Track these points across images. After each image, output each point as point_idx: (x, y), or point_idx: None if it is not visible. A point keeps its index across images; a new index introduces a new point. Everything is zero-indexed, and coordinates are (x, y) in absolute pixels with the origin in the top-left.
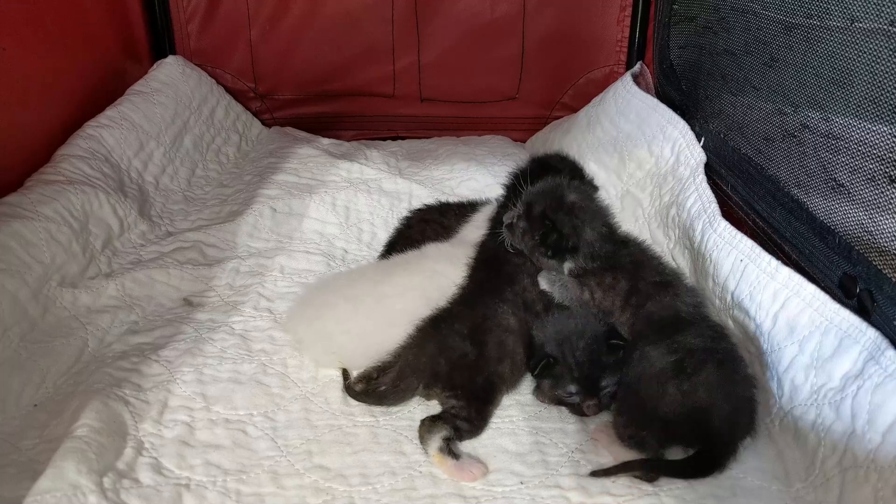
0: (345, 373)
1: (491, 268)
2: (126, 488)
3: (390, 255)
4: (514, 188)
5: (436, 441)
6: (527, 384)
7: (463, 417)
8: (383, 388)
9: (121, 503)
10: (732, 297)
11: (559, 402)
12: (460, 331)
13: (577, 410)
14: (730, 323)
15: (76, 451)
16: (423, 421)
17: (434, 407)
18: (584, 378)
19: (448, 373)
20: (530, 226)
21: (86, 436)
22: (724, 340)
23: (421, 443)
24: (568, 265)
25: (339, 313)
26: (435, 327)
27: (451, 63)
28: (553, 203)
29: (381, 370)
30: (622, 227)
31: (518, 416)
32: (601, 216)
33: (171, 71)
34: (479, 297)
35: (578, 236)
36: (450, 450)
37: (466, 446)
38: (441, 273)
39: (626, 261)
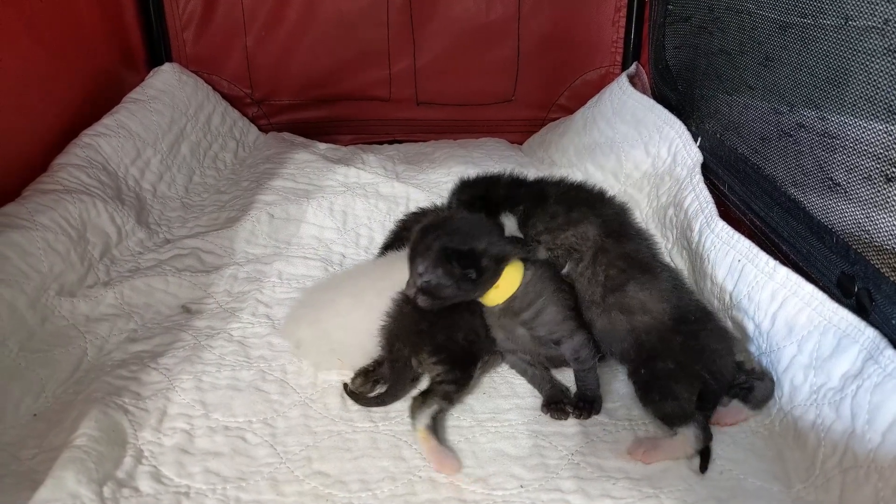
0: (345, 385)
1: None
2: (126, 497)
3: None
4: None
5: (425, 417)
6: (528, 391)
7: (450, 381)
8: (381, 380)
9: None
10: (731, 298)
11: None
12: None
13: None
14: (728, 323)
15: (76, 461)
16: (414, 397)
17: None
18: None
19: (430, 332)
20: (445, 270)
21: (85, 445)
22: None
23: (411, 419)
24: (538, 254)
25: (338, 308)
26: None
27: (446, 66)
28: (432, 240)
29: (377, 363)
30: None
31: (517, 419)
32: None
33: (167, 78)
34: None
35: (479, 238)
36: (436, 430)
37: (466, 447)
38: None
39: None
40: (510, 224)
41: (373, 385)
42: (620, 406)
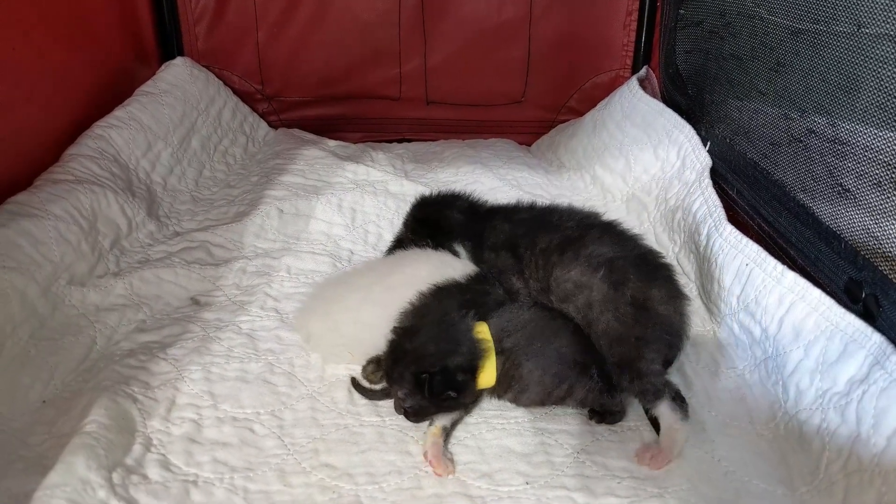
0: (353, 379)
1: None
2: (135, 484)
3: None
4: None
5: (446, 420)
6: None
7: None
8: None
9: (130, 498)
10: (738, 301)
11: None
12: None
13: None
14: (735, 327)
15: (86, 447)
16: None
17: None
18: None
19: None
20: (423, 396)
21: (95, 432)
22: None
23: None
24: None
25: (348, 303)
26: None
27: (457, 66)
28: (404, 368)
29: None
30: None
31: (524, 417)
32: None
33: (179, 72)
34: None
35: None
36: (447, 435)
37: (473, 443)
38: (448, 264)
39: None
40: (462, 254)
41: (383, 375)
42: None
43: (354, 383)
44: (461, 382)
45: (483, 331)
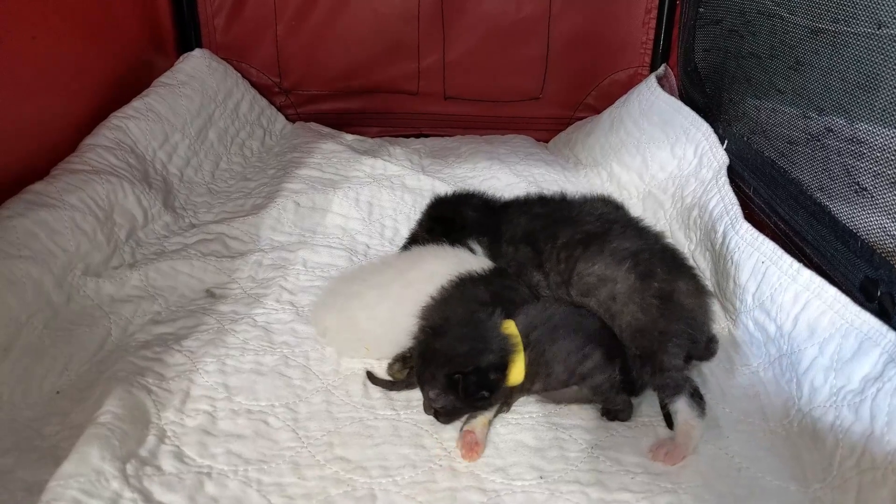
0: (368, 373)
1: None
2: (148, 475)
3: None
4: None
5: (492, 412)
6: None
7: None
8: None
9: (143, 489)
10: (753, 299)
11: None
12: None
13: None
14: (750, 324)
15: (100, 438)
16: None
17: None
18: None
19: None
20: (455, 396)
21: (109, 422)
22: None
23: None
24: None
25: (366, 300)
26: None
27: (475, 62)
28: (436, 368)
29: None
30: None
31: (538, 412)
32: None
33: (197, 64)
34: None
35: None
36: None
37: (487, 438)
38: (466, 260)
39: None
40: (478, 250)
41: (410, 372)
42: (641, 401)
43: (370, 376)
44: (493, 381)
45: (510, 327)
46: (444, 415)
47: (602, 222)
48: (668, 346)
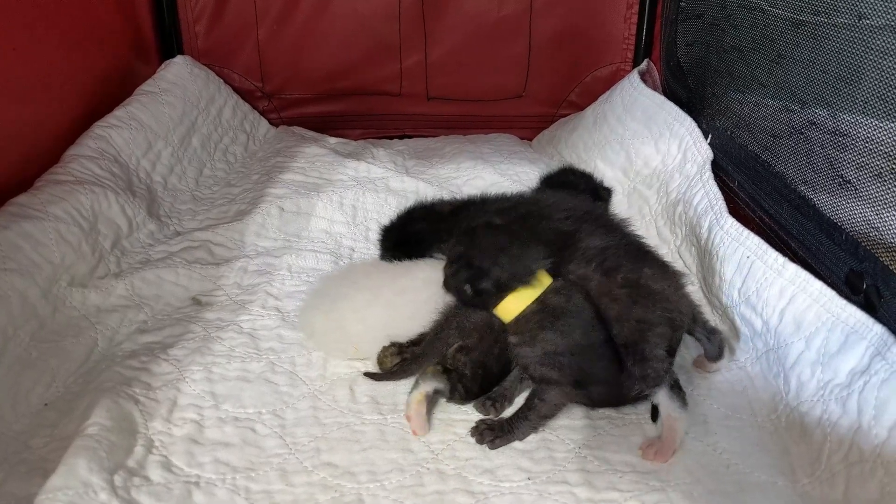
0: (367, 374)
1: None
2: (137, 486)
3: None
4: None
5: (432, 385)
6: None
7: (466, 388)
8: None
9: (132, 500)
10: (739, 294)
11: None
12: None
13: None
14: (737, 319)
15: (87, 450)
16: (433, 364)
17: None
18: None
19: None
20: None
21: (97, 434)
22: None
23: (418, 381)
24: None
25: (355, 302)
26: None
27: (457, 61)
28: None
29: (413, 342)
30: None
31: None
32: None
33: (179, 71)
34: None
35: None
36: (429, 401)
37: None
38: None
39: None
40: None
41: (402, 361)
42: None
43: (369, 375)
44: (483, 290)
45: (543, 275)
46: (444, 283)
47: (575, 221)
48: (648, 335)
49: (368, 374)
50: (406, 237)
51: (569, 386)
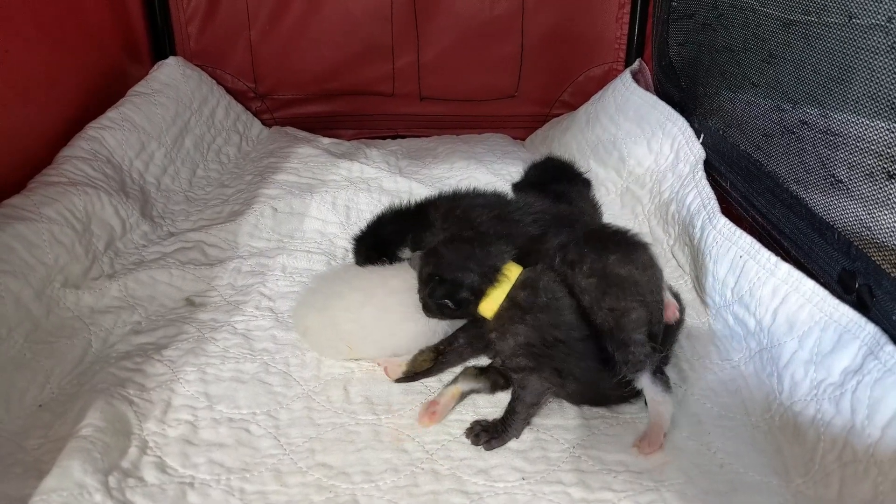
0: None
1: None
2: (131, 487)
3: None
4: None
5: (467, 386)
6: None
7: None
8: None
9: (126, 501)
10: (732, 293)
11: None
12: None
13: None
14: (730, 319)
15: (81, 451)
16: (472, 367)
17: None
18: None
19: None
20: (430, 294)
21: (91, 435)
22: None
23: (458, 377)
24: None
25: (349, 302)
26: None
27: (450, 61)
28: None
29: (448, 343)
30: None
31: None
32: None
33: (171, 72)
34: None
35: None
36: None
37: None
38: None
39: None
40: (406, 252)
41: (435, 363)
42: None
43: (399, 380)
44: (462, 299)
45: (511, 268)
46: (423, 307)
47: (539, 224)
48: (622, 322)
49: (400, 380)
50: (376, 244)
51: (546, 370)
